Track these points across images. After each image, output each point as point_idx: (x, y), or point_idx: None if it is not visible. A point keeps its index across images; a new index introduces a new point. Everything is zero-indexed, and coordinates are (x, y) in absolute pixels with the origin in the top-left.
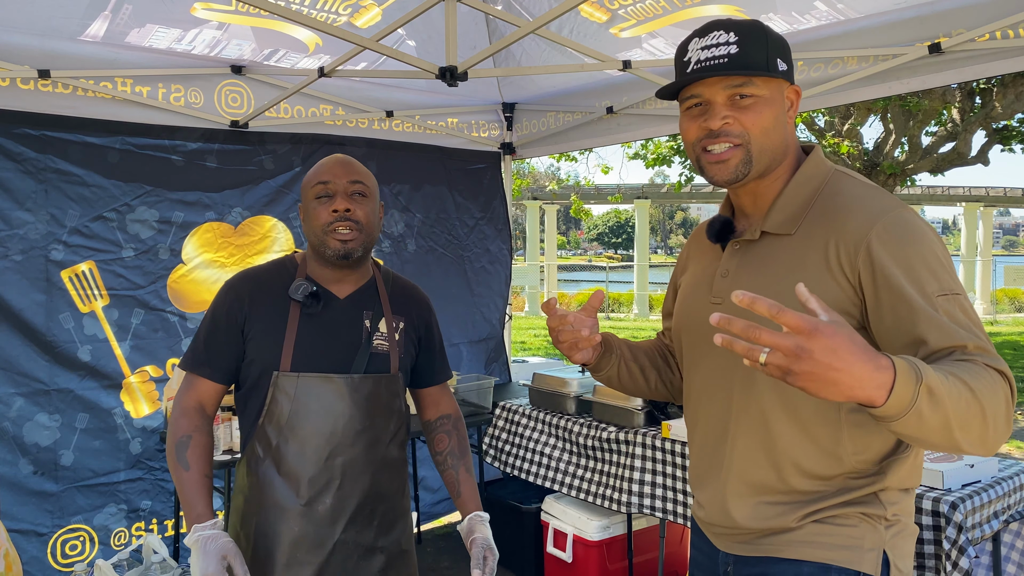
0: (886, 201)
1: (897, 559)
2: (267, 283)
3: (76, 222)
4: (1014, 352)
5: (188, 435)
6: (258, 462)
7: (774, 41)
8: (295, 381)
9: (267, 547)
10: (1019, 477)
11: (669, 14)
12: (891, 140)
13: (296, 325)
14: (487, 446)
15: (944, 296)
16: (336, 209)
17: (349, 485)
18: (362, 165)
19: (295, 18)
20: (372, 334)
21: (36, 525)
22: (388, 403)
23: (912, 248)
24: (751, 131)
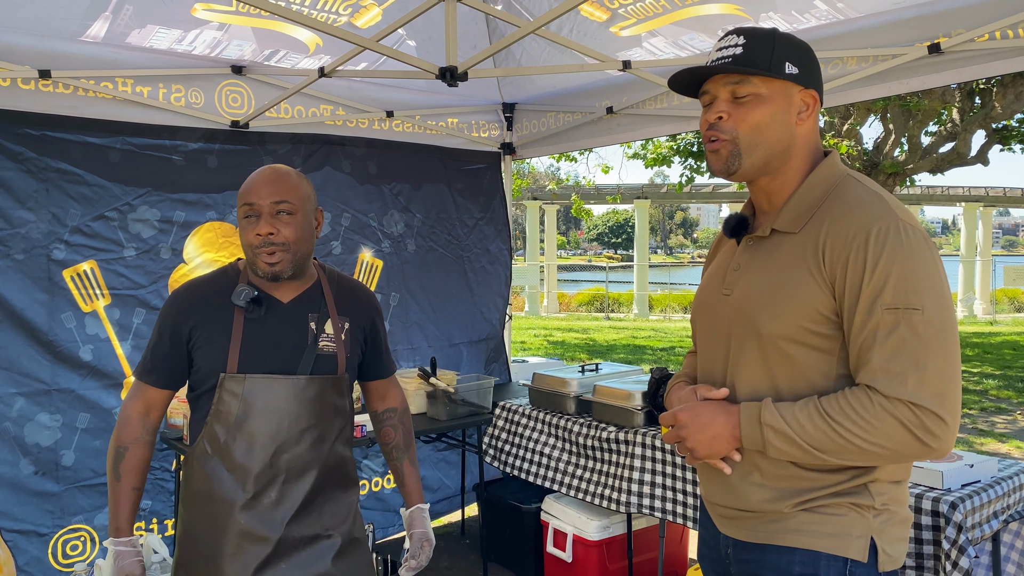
0: (882, 209)
1: (885, 544)
2: (210, 292)
3: (77, 221)
4: (1014, 352)
5: (125, 447)
6: (206, 458)
7: (785, 45)
8: (242, 382)
9: (215, 538)
10: (1019, 477)
11: (669, 12)
12: (891, 140)
13: (240, 329)
14: (487, 446)
15: (892, 310)
16: (259, 233)
17: (294, 481)
18: (292, 175)
19: (295, 18)
20: (318, 336)
21: (37, 525)
22: (334, 403)
23: (890, 257)
24: (740, 127)
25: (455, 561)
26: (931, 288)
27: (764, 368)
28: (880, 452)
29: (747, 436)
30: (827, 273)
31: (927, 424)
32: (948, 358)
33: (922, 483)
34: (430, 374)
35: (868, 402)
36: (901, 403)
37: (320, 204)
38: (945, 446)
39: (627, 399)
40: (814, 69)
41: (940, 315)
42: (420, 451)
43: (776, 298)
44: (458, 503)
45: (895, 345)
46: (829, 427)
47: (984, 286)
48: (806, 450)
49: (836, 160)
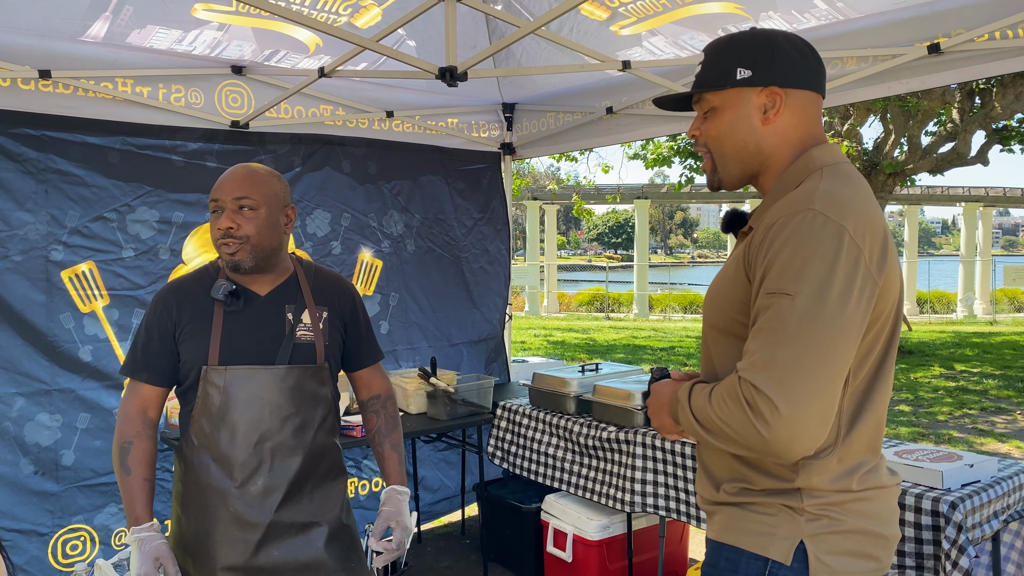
0: (802, 200)
1: (822, 553)
2: (191, 289)
3: (76, 222)
4: (1014, 352)
5: (130, 441)
6: (194, 450)
7: (736, 51)
8: (223, 374)
9: (206, 527)
10: (1018, 477)
11: (669, 11)
12: (891, 140)
13: (220, 323)
14: (492, 447)
15: (769, 294)
16: (220, 227)
17: (279, 468)
18: (260, 173)
19: (295, 19)
20: (295, 326)
21: (37, 525)
22: (314, 391)
23: (782, 244)
24: (709, 142)
25: (455, 561)
26: (815, 276)
27: (708, 357)
28: (730, 433)
29: (671, 410)
30: (747, 264)
31: (760, 407)
32: (807, 349)
33: (922, 483)
34: (430, 374)
35: (729, 382)
36: (746, 383)
37: (320, 204)
38: (778, 437)
39: (627, 399)
40: (779, 62)
41: (814, 304)
42: (420, 451)
43: (717, 291)
44: (458, 503)
45: (759, 327)
46: (706, 404)
47: (984, 286)
48: (695, 427)
49: (817, 154)
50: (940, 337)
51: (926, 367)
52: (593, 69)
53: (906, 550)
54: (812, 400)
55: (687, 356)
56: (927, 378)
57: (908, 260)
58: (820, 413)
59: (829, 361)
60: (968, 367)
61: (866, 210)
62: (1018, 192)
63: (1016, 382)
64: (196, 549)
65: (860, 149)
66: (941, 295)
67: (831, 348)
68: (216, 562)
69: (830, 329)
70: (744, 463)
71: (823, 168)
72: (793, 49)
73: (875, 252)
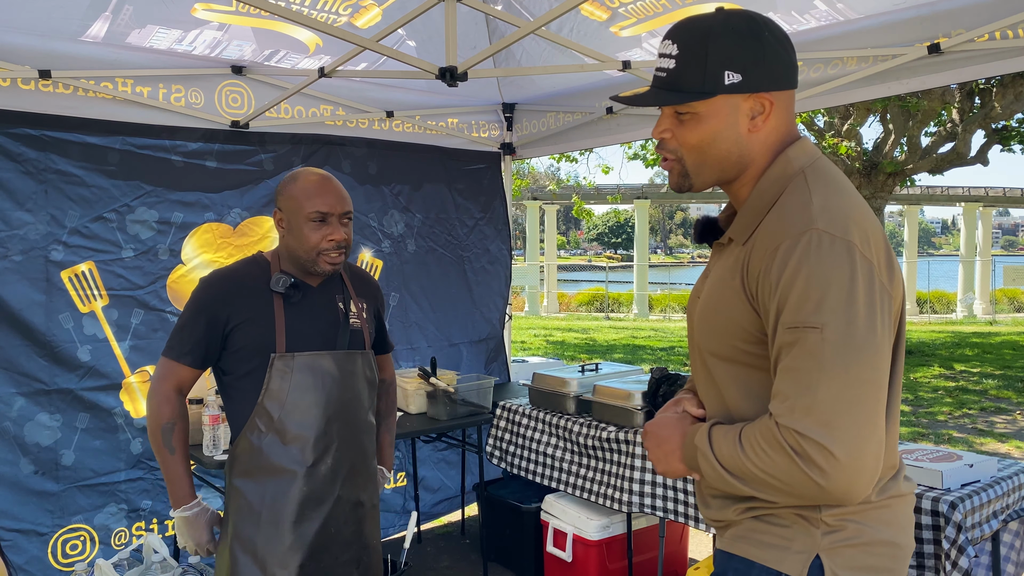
0: (801, 220)
1: (838, 567)
2: (245, 279)
3: (76, 222)
4: (1014, 352)
5: (172, 422)
6: (260, 436)
7: (722, 49)
8: (291, 361)
9: (276, 510)
10: (1018, 477)
11: (669, 12)
12: (890, 140)
13: (283, 313)
14: (491, 447)
15: (791, 329)
16: (335, 239)
17: (344, 447)
18: (343, 187)
19: (295, 19)
20: (347, 314)
21: (37, 525)
22: (366, 375)
23: (794, 272)
24: (683, 147)
25: (455, 561)
26: (837, 304)
27: (713, 385)
28: (777, 485)
29: (687, 456)
30: (748, 290)
31: (812, 456)
32: (848, 383)
33: (922, 483)
34: (430, 374)
35: (766, 429)
36: (789, 431)
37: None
38: (837, 484)
39: (627, 399)
40: (768, 64)
41: (844, 334)
42: (420, 451)
43: (712, 315)
44: (458, 503)
45: (789, 366)
46: (740, 454)
47: (984, 286)
48: (724, 478)
49: (793, 155)
50: (940, 337)
51: (926, 367)
52: (593, 69)
53: None
54: (865, 437)
55: (687, 356)
56: (927, 378)
57: (908, 260)
58: (874, 448)
59: (871, 390)
60: (968, 367)
61: (863, 217)
62: (1018, 192)
63: (1016, 382)
64: (264, 531)
65: (860, 149)
66: (941, 295)
67: (870, 376)
68: (287, 540)
69: (865, 357)
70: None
71: (803, 171)
72: (778, 44)
73: (882, 259)
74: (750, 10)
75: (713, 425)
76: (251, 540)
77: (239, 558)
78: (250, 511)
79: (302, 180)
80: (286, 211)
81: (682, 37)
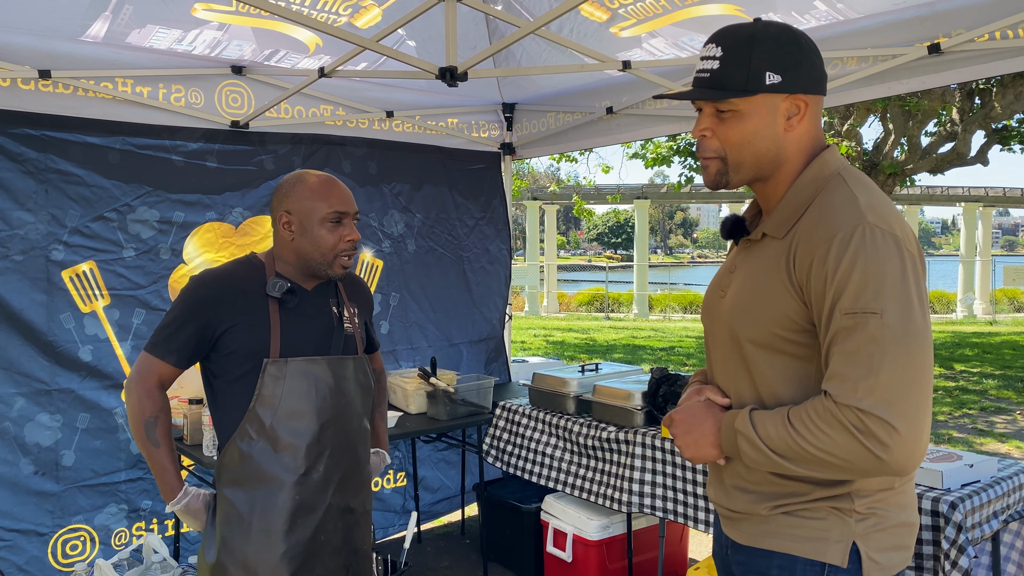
0: (851, 214)
1: (871, 551)
2: (239, 281)
3: (77, 222)
4: (1014, 352)
5: (155, 415)
6: (251, 443)
7: (764, 52)
8: (284, 366)
9: (267, 519)
10: (1018, 477)
11: (669, 13)
12: (890, 140)
13: (278, 317)
14: (488, 446)
15: (851, 314)
16: (352, 239)
17: (337, 454)
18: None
19: (295, 19)
20: (341, 319)
21: (37, 525)
22: (360, 380)
23: (851, 262)
24: (725, 145)
25: (455, 561)
26: (894, 292)
27: (747, 374)
28: (834, 462)
29: (725, 441)
30: (796, 281)
31: (875, 431)
32: (907, 365)
33: (922, 483)
34: (430, 374)
35: (823, 409)
36: (850, 409)
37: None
38: (898, 457)
39: (627, 399)
40: (805, 68)
41: (902, 320)
42: (420, 451)
43: (753, 305)
44: (458, 503)
45: (850, 350)
46: (790, 435)
47: (984, 286)
48: (772, 459)
49: (829, 158)
50: (940, 337)
51: None
52: (593, 69)
53: None
54: (923, 415)
55: (687, 356)
56: None
57: None
58: (928, 425)
59: (925, 373)
60: (968, 367)
61: (899, 215)
62: (1018, 192)
63: (1016, 382)
64: (255, 539)
65: (860, 149)
66: (941, 295)
67: (924, 360)
68: (279, 550)
69: (921, 341)
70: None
71: (839, 173)
72: (812, 52)
73: (919, 255)
74: (791, 26)
75: (752, 410)
76: (241, 550)
77: (229, 569)
78: (239, 521)
79: (312, 181)
80: (297, 213)
81: (726, 41)
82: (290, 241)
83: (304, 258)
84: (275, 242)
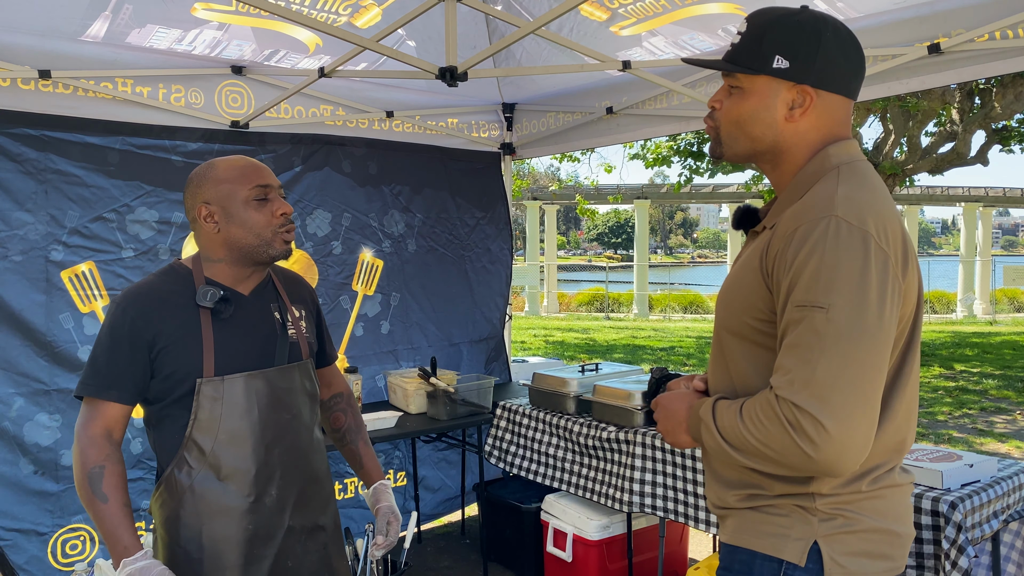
0: (822, 206)
1: (836, 553)
2: (166, 293)
3: (76, 223)
4: (1014, 352)
5: (100, 465)
6: (191, 473)
7: (779, 36)
8: (220, 385)
9: (219, 554)
10: (1018, 477)
11: (669, 12)
12: (890, 140)
13: (211, 330)
14: (490, 447)
15: (799, 307)
16: (285, 212)
17: (289, 473)
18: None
19: (295, 18)
20: (284, 324)
21: (36, 525)
22: (307, 389)
23: (808, 254)
24: (723, 118)
25: (455, 561)
26: (846, 287)
27: (724, 363)
28: (771, 455)
29: (692, 428)
30: (765, 270)
31: (805, 427)
32: (848, 363)
33: (922, 483)
34: (430, 374)
35: (765, 401)
36: (787, 403)
37: (320, 204)
38: (827, 456)
39: (627, 399)
40: (821, 61)
41: (850, 316)
42: (420, 451)
43: (731, 294)
44: (458, 503)
45: (793, 343)
46: (738, 425)
47: (984, 286)
48: (723, 447)
49: (833, 152)
50: (940, 337)
51: (926, 367)
52: (593, 69)
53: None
54: (857, 416)
55: (687, 356)
56: (927, 378)
57: None
58: (865, 428)
59: (869, 373)
60: (968, 367)
61: (885, 211)
62: (1018, 192)
63: (1016, 382)
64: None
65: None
66: (941, 295)
67: (870, 360)
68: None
69: (868, 341)
70: (758, 471)
71: (839, 167)
72: (838, 49)
73: (898, 254)
74: (831, 15)
75: (718, 399)
76: None
77: None
78: (187, 559)
79: (224, 166)
80: (217, 201)
81: (753, 18)
82: (217, 234)
83: (238, 248)
84: (199, 242)
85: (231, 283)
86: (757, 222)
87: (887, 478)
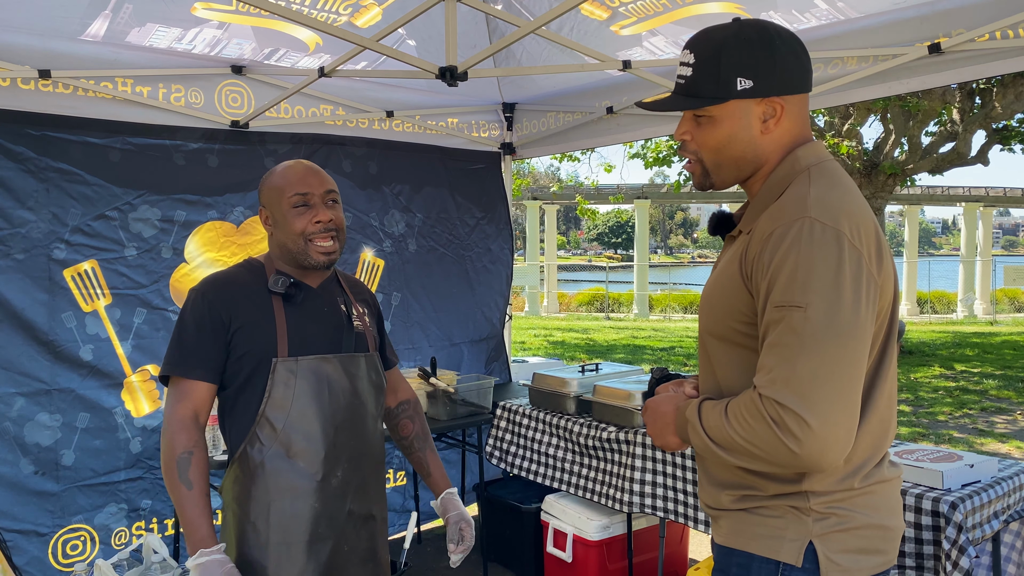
0: (795, 208)
1: (831, 552)
2: (242, 282)
3: (78, 221)
4: (1014, 352)
5: (189, 451)
6: (263, 450)
7: (734, 58)
8: (294, 364)
9: (286, 530)
10: (1019, 477)
11: (669, 11)
12: (891, 140)
13: (283, 314)
14: (491, 447)
15: (778, 307)
16: (321, 219)
17: (355, 459)
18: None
19: (295, 18)
20: (350, 316)
21: (37, 525)
22: (374, 380)
23: (784, 255)
24: (702, 149)
25: None
26: (822, 286)
27: (710, 366)
28: (758, 453)
29: (679, 429)
30: (745, 273)
31: (788, 424)
32: (826, 360)
33: (922, 483)
34: (430, 374)
35: (749, 400)
36: (770, 401)
37: None
38: (810, 452)
39: (627, 399)
40: (779, 70)
41: (827, 314)
42: None
43: (713, 298)
44: None
45: (774, 342)
46: (724, 424)
47: (984, 286)
48: (710, 447)
49: (802, 154)
50: (940, 337)
51: (926, 367)
52: (593, 69)
53: (906, 550)
54: (839, 410)
55: (687, 356)
56: (927, 378)
57: (908, 260)
58: (847, 422)
59: (849, 369)
60: (968, 367)
61: (857, 210)
62: (1018, 192)
63: (1016, 382)
64: (277, 554)
65: (860, 149)
66: (941, 295)
67: (848, 355)
68: (300, 563)
69: (846, 337)
70: (750, 471)
71: (809, 169)
72: (789, 52)
73: (872, 251)
74: (764, 20)
75: (704, 400)
76: (260, 565)
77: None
78: (256, 535)
79: (280, 171)
80: (269, 205)
81: (698, 47)
82: (271, 236)
83: (284, 249)
84: (268, 242)
85: (302, 277)
86: (733, 226)
87: (877, 473)
